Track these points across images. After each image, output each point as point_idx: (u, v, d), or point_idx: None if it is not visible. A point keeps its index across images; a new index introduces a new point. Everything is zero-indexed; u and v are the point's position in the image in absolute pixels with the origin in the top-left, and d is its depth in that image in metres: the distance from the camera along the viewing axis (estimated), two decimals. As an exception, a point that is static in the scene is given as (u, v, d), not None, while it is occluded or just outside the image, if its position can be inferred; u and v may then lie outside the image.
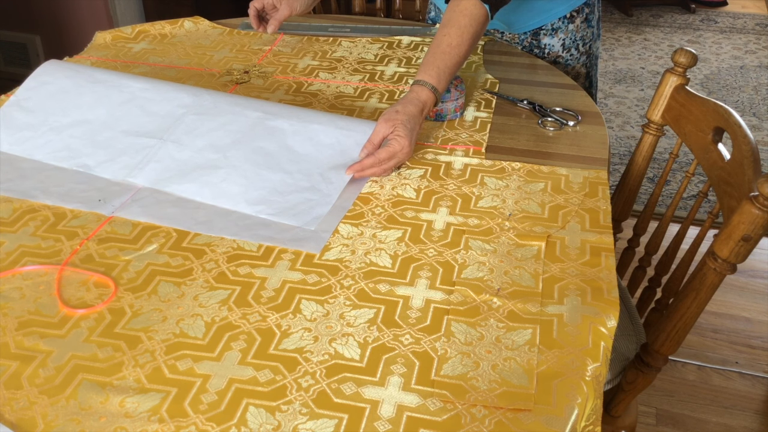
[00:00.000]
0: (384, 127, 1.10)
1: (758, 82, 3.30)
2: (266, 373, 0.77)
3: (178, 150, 1.12)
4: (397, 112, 1.11)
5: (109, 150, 1.13)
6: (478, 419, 0.72)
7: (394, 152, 1.09)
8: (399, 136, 1.09)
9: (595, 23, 1.52)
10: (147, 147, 1.13)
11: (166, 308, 0.86)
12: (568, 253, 0.94)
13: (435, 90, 1.15)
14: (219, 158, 1.10)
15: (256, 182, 1.07)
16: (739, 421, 1.71)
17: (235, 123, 1.15)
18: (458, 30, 1.18)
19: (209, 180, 1.07)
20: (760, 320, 2.00)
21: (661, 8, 4.10)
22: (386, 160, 1.08)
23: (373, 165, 1.08)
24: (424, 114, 1.15)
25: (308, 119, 1.16)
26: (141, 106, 1.19)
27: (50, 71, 1.27)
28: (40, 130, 1.17)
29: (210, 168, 1.09)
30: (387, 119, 1.10)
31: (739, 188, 0.97)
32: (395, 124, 1.09)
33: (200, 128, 1.15)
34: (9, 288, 0.89)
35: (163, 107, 1.19)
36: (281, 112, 1.17)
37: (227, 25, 1.62)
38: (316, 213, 1.02)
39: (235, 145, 1.12)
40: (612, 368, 1.13)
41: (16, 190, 1.06)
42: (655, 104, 1.21)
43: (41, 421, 0.72)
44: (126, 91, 1.22)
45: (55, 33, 2.88)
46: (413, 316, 0.85)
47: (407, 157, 1.11)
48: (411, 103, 1.13)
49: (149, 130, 1.15)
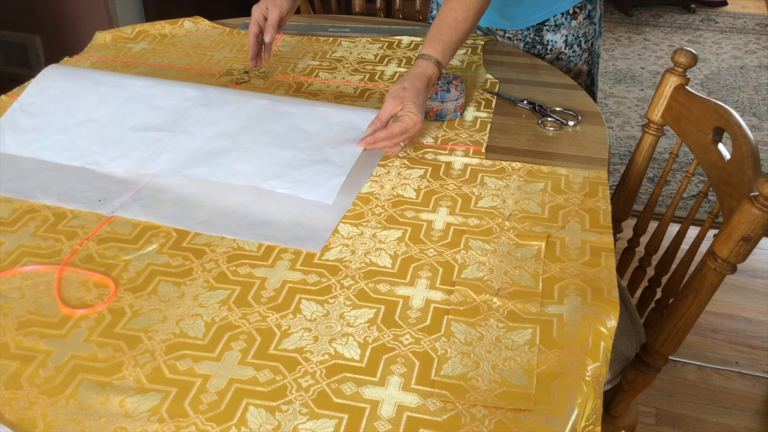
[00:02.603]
0: (392, 104, 1.11)
1: (758, 82, 3.30)
2: (266, 373, 0.77)
3: (188, 140, 1.13)
4: (404, 89, 1.12)
5: (119, 146, 1.14)
6: (478, 419, 0.72)
7: (406, 127, 1.10)
8: (411, 112, 1.10)
9: (597, 20, 1.52)
10: (157, 140, 1.14)
11: (166, 308, 0.86)
12: (568, 253, 0.94)
13: (439, 64, 1.16)
14: (230, 143, 1.12)
15: (268, 160, 1.08)
16: (739, 421, 1.71)
17: (243, 111, 1.17)
18: (464, 5, 1.19)
19: (222, 162, 1.09)
20: (760, 320, 2.00)
21: (661, 8, 4.10)
22: (398, 134, 1.10)
23: (385, 138, 1.09)
24: (430, 88, 1.17)
25: (315, 104, 1.19)
26: (146, 102, 1.20)
27: (51, 76, 1.27)
28: (47, 132, 1.17)
29: (222, 152, 1.10)
30: (395, 96, 1.11)
31: (739, 188, 0.97)
32: (404, 102, 1.10)
33: (208, 118, 1.16)
34: (9, 288, 0.89)
35: (168, 102, 1.20)
36: (287, 100, 1.20)
37: (227, 25, 1.62)
38: (332, 184, 1.03)
39: (244, 130, 1.13)
40: (612, 368, 1.13)
41: (15, 190, 1.06)
42: (655, 104, 1.21)
43: (41, 421, 0.72)
44: (129, 89, 1.22)
45: (55, 33, 2.88)
46: (413, 316, 0.85)
47: (418, 132, 1.13)
48: (417, 78, 1.14)
49: (157, 124, 1.16)
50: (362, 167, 1.11)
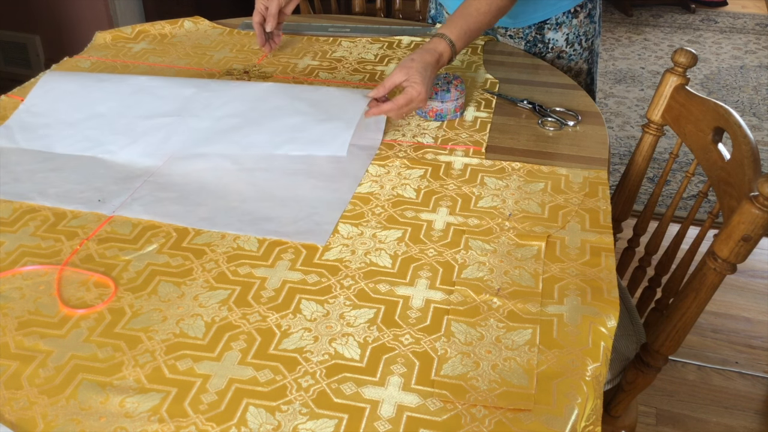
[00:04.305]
0: (398, 74, 1.13)
1: (758, 82, 3.30)
2: (266, 373, 0.77)
3: (197, 122, 1.17)
4: (412, 60, 1.14)
5: (129, 134, 1.17)
6: (478, 419, 0.72)
7: (411, 98, 1.13)
8: (415, 82, 1.12)
9: (597, 19, 1.52)
10: (167, 124, 1.17)
11: (166, 308, 0.86)
12: (568, 253, 0.94)
13: (453, 45, 1.18)
14: (239, 121, 1.16)
15: (278, 129, 1.15)
16: (739, 421, 1.71)
17: (247, 93, 1.22)
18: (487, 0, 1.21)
19: (234, 138, 1.14)
20: (760, 320, 2.00)
21: (661, 8, 4.09)
22: (403, 105, 1.13)
23: (391, 110, 1.13)
24: (440, 65, 1.18)
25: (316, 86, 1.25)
26: (151, 93, 1.24)
27: (53, 79, 1.28)
28: (57, 127, 1.19)
29: (232, 130, 1.15)
30: (402, 67, 1.14)
31: (739, 188, 0.97)
32: (410, 72, 1.12)
33: (214, 102, 1.20)
34: (9, 288, 0.89)
35: (173, 91, 1.23)
36: (289, 84, 1.26)
37: (227, 25, 1.62)
38: (342, 138, 1.10)
39: (251, 109, 1.18)
40: (612, 368, 1.13)
41: (12, 193, 1.05)
42: (655, 104, 1.21)
43: (41, 421, 0.72)
44: (133, 84, 1.25)
45: (55, 33, 2.88)
46: (413, 316, 0.85)
47: (423, 103, 1.15)
48: (427, 52, 1.16)
49: (165, 111, 1.20)
50: (360, 161, 1.13)
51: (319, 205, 1.03)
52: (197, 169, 1.11)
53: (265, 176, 1.09)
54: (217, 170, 1.11)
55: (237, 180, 1.09)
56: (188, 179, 1.08)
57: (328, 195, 1.05)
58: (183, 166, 1.12)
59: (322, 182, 1.08)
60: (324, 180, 1.09)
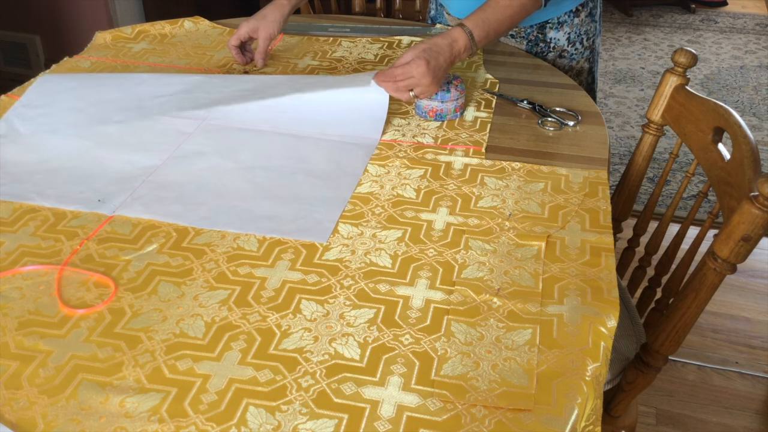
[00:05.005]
0: (406, 56, 1.15)
1: (758, 82, 3.30)
2: (266, 373, 0.77)
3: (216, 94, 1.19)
4: (422, 42, 1.17)
5: (143, 110, 1.17)
6: (478, 419, 0.72)
7: (408, 72, 1.14)
8: (418, 58, 1.13)
9: (598, 18, 1.52)
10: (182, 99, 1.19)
11: (166, 308, 0.86)
12: (568, 253, 0.94)
13: (471, 34, 1.19)
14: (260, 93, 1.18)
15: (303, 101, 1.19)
16: (739, 421, 1.71)
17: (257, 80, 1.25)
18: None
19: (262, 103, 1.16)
20: (760, 320, 2.00)
21: (661, 8, 4.10)
22: (400, 76, 1.15)
23: (387, 78, 1.16)
24: (455, 50, 1.18)
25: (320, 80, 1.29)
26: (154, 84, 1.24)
27: (50, 80, 1.28)
28: (60, 115, 1.18)
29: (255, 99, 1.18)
30: (411, 48, 1.16)
31: (739, 188, 0.97)
32: (416, 53, 1.14)
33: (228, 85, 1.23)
34: (9, 288, 0.89)
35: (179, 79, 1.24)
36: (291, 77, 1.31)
37: (227, 25, 1.62)
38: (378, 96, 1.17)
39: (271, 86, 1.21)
40: (612, 368, 1.13)
41: (11, 194, 1.05)
42: (655, 104, 1.21)
43: (41, 421, 0.72)
44: (135, 79, 1.25)
45: (55, 33, 2.88)
46: (413, 316, 0.85)
47: (425, 82, 1.15)
48: (440, 36, 1.18)
49: (177, 90, 1.19)
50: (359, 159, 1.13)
51: (319, 203, 1.03)
52: (197, 168, 1.11)
53: (264, 175, 1.09)
54: (217, 169, 1.11)
55: (237, 179, 1.09)
56: (188, 178, 1.08)
57: (328, 193, 1.05)
58: (182, 165, 1.12)
59: (321, 181, 1.08)
60: (323, 179, 1.09)
